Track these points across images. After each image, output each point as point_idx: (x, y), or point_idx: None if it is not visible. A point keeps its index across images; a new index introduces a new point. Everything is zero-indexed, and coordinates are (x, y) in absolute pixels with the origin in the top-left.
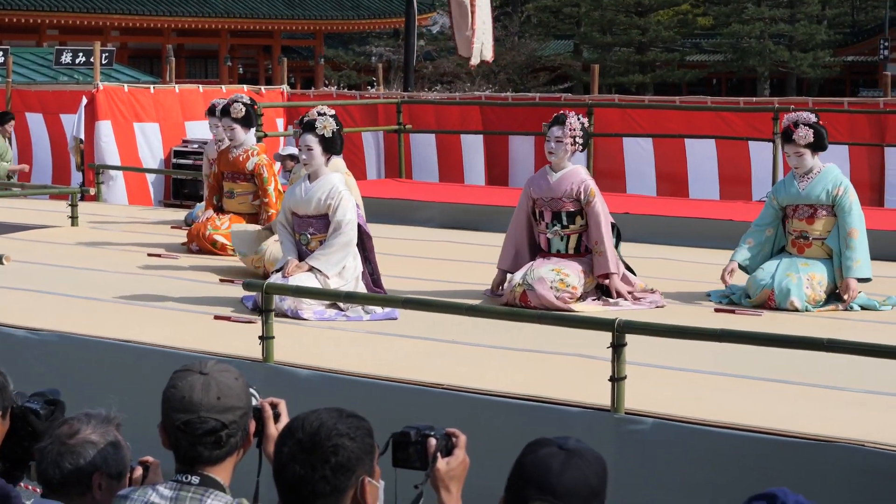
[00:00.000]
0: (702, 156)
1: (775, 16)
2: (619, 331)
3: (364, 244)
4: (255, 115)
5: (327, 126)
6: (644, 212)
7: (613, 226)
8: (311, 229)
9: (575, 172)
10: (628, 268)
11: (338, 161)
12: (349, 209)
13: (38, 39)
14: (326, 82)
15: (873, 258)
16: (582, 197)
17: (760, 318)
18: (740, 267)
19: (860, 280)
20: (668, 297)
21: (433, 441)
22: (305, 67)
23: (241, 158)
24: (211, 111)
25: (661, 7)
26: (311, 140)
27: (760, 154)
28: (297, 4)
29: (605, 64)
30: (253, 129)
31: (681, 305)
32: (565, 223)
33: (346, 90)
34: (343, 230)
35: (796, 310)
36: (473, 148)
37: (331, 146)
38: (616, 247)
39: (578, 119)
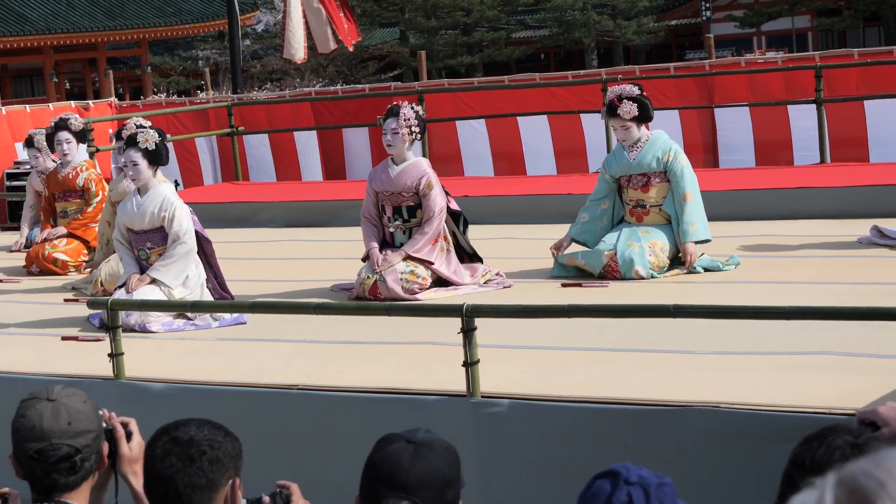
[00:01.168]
0: (535, 133)
1: None
2: (468, 315)
3: (204, 249)
4: (89, 130)
5: (149, 139)
6: (483, 193)
7: (459, 214)
8: (149, 243)
9: (416, 166)
10: (474, 255)
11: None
12: (184, 218)
13: None
14: (155, 90)
15: (711, 219)
16: (421, 189)
17: (607, 289)
18: (575, 241)
19: (699, 242)
20: (514, 276)
21: (266, 499)
22: (132, 77)
23: (70, 176)
24: (28, 142)
25: None
26: (136, 155)
27: (593, 126)
28: (119, 14)
29: (432, 48)
30: (83, 146)
31: (528, 284)
32: (406, 217)
33: (175, 97)
34: (181, 240)
35: (641, 278)
36: (308, 144)
37: (156, 158)
38: (464, 234)
39: (412, 108)
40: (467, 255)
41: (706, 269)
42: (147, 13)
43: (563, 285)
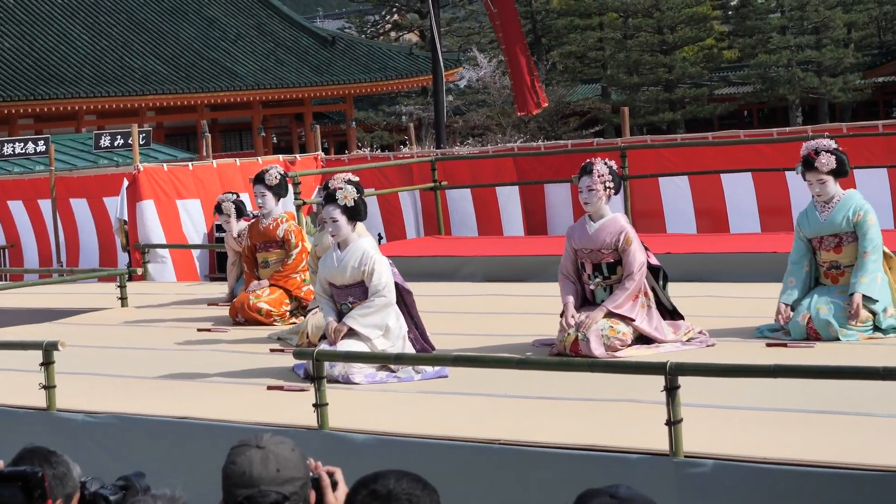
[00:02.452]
0: (739, 189)
1: (801, 43)
2: (672, 373)
3: (405, 301)
4: (286, 186)
5: (348, 196)
6: (685, 250)
7: (659, 269)
8: (351, 297)
9: (613, 222)
10: (675, 311)
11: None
12: (384, 272)
13: (77, 125)
14: (359, 145)
15: None
16: (619, 245)
17: (813, 349)
18: (791, 308)
19: (867, 298)
20: (717, 334)
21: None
22: (338, 132)
23: (271, 227)
24: (217, 208)
25: (686, 43)
26: (335, 212)
27: (798, 184)
28: (325, 70)
29: (633, 104)
30: (283, 200)
31: (731, 342)
32: (606, 274)
33: (379, 151)
34: (381, 293)
35: (838, 339)
36: (510, 199)
37: (355, 214)
38: (664, 289)
39: (605, 164)
40: (668, 312)
41: None
42: (353, 69)
43: (768, 345)
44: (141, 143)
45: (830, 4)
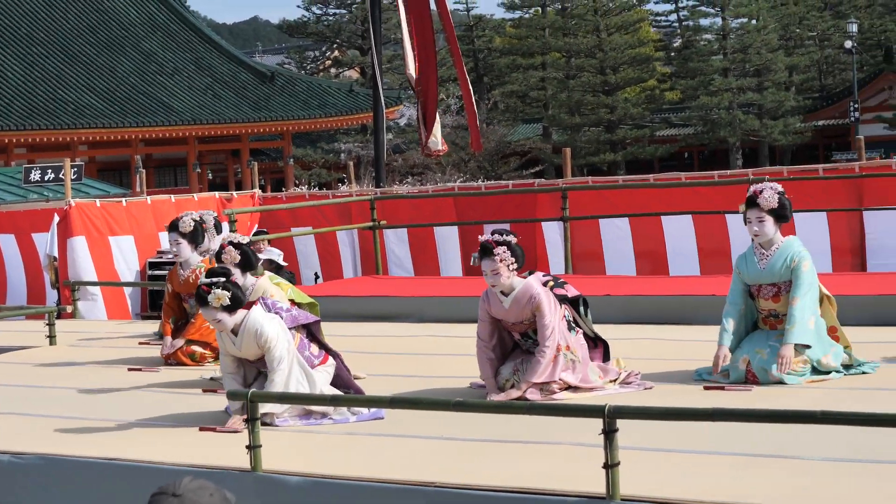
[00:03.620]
0: (679, 232)
1: (743, 85)
2: (610, 416)
3: (310, 329)
4: (202, 232)
5: (220, 298)
6: (625, 292)
7: (579, 297)
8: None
9: (524, 292)
10: (597, 338)
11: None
12: (275, 345)
13: (6, 159)
14: (297, 182)
15: (857, 324)
16: (535, 314)
17: (751, 393)
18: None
19: (799, 346)
20: (655, 377)
21: None
22: (275, 168)
23: (191, 280)
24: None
25: (628, 84)
26: (217, 313)
27: (738, 226)
28: (264, 106)
29: (575, 145)
30: (199, 248)
31: (669, 385)
32: (534, 338)
33: (317, 189)
34: (276, 368)
35: (780, 382)
36: (449, 240)
37: (236, 304)
38: (586, 315)
39: (504, 240)
40: (591, 340)
41: (846, 366)
42: (292, 105)
43: (706, 388)
44: (73, 177)
45: (772, 48)
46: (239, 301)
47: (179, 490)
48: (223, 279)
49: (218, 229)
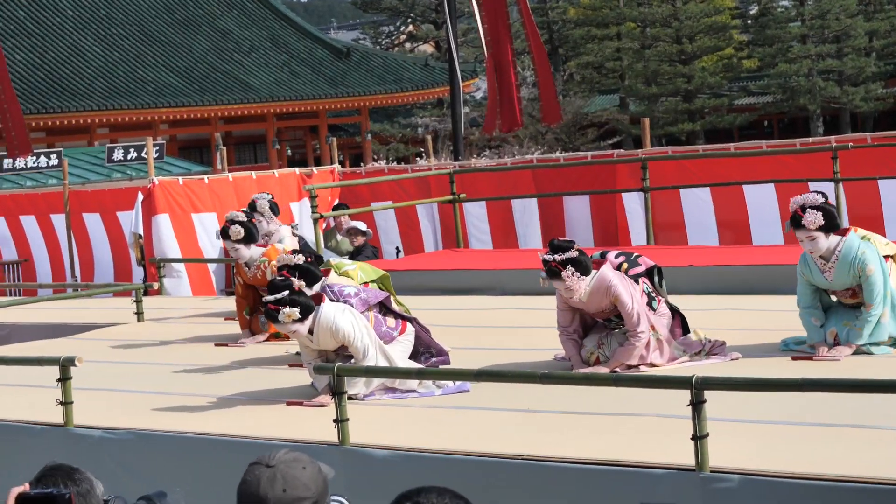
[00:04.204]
0: (762, 201)
1: (822, 52)
2: (698, 388)
3: (381, 303)
4: (253, 231)
5: (290, 316)
6: (707, 263)
7: (654, 268)
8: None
9: (599, 284)
10: (684, 324)
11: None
12: (357, 338)
13: (90, 139)
14: (375, 157)
15: None
16: (612, 301)
17: (839, 363)
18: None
19: (861, 345)
20: (741, 348)
21: None
22: (353, 144)
23: (258, 276)
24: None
25: (705, 53)
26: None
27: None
28: (341, 82)
29: (652, 115)
30: (257, 241)
31: (756, 356)
32: (617, 321)
33: (395, 164)
34: (365, 360)
35: (869, 353)
36: (527, 212)
37: (305, 311)
38: (661, 286)
39: (567, 259)
40: (671, 309)
41: None
42: (368, 81)
43: (794, 358)
44: (155, 156)
45: (851, 13)
46: (308, 308)
47: (273, 461)
48: (287, 293)
49: (274, 209)
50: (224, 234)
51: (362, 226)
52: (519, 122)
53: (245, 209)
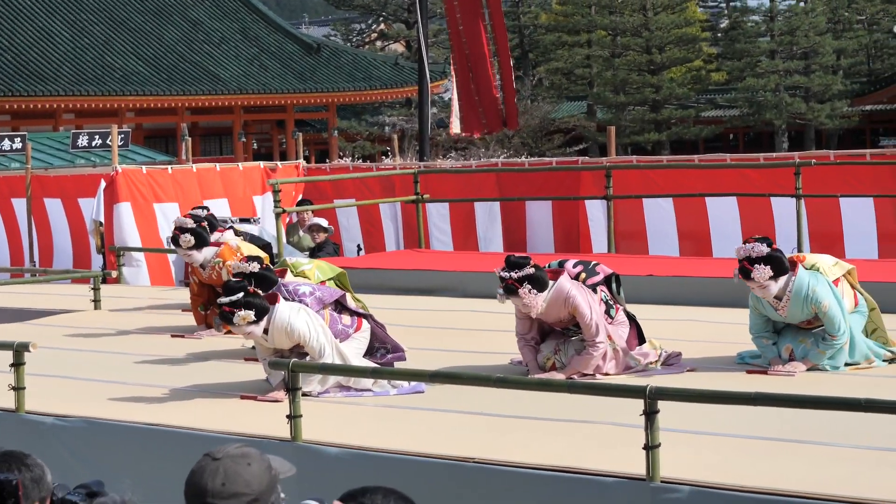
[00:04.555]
0: (724, 213)
1: (790, 68)
2: (652, 397)
3: (337, 301)
4: (203, 234)
5: (245, 318)
6: (667, 273)
7: (611, 276)
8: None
9: (557, 294)
10: (640, 332)
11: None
12: (312, 338)
13: (55, 124)
14: (341, 154)
15: None
16: (571, 312)
17: (793, 378)
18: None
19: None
20: (697, 359)
21: None
22: (319, 140)
23: (213, 276)
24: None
25: (674, 64)
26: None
27: (783, 209)
28: (310, 77)
29: (619, 123)
30: (208, 246)
31: (711, 368)
32: (575, 330)
33: (360, 161)
34: (316, 358)
35: (822, 369)
36: (490, 215)
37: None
38: (618, 293)
39: (524, 276)
40: (628, 317)
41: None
42: (337, 77)
43: (749, 372)
44: (120, 143)
45: (821, 30)
46: (263, 310)
47: (220, 455)
48: (241, 295)
49: (211, 224)
50: (175, 242)
51: (324, 222)
52: (500, 124)
53: (196, 208)
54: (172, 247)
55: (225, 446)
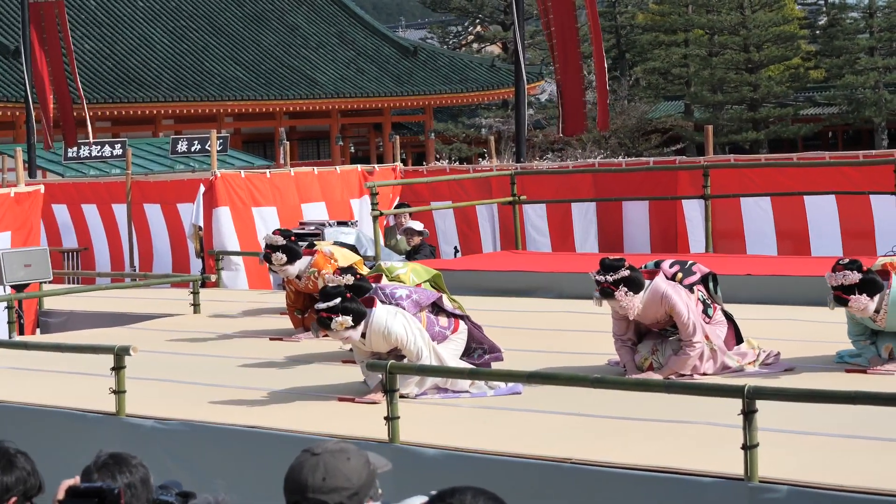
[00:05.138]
0: (822, 212)
1: (889, 64)
2: (750, 397)
3: (434, 303)
4: (294, 249)
5: (343, 324)
6: (766, 272)
7: (708, 275)
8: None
9: (653, 295)
10: (738, 332)
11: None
12: (410, 341)
13: (154, 129)
14: (437, 156)
15: None
16: (668, 311)
17: (893, 377)
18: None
19: None
20: (795, 359)
21: None
22: (416, 143)
23: (310, 286)
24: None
25: (772, 62)
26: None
27: (883, 207)
28: (406, 80)
29: (716, 123)
30: (303, 258)
31: (810, 367)
32: (673, 330)
33: (457, 164)
34: (416, 362)
35: None
36: (586, 216)
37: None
38: (716, 292)
39: (620, 278)
40: (726, 317)
41: None
42: (433, 80)
43: (848, 371)
44: (218, 148)
45: None
46: (360, 315)
47: (319, 450)
48: (339, 300)
49: (285, 234)
50: (267, 260)
51: (418, 226)
52: (584, 126)
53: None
54: (265, 263)
55: (323, 442)
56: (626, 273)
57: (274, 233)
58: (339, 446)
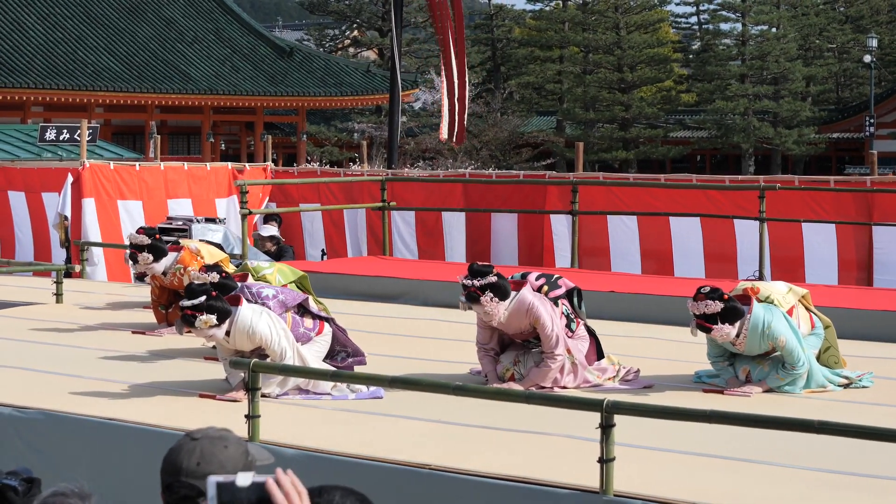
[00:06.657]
0: (687, 233)
1: (759, 92)
2: (608, 411)
3: (300, 304)
4: (160, 248)
5: (207, 322)
6: (629, 290)
7: (573, 290)
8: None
9: (519, 305)
10: (599, 348)
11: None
12: (274, 341)
13: (23, 116)
14: (308, 158)
15: (861, 338)
16: (532, 324)
17: (749, 398)
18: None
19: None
20: (654, 377)
21: None
22: (287, 143)
23: (175, 282)
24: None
25: (645, 83)
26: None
27: (746, 232)
28: (281, 81)
29: (587, 140)
30: (169, 254)
31: (668, 385)
32: (536, 342)
33: (328, 167)
34: (281, 360)
35: (774, 390)
36: (455, 226)
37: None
38: (580, 307)
39: (486, 284)
40: (589, 332)
41: (845, 386)
42: (308, 82)
43: (705, 391)
44: (88, 139)
45: (791, 57)
46: (225, 313)
47: (198, 435)
48: (204, 298)
49: (149, 232)
50: (133, 260)
51: (265, 231)
52: (464, 136)
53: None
54: (130, 263)
55: (205, 428)
56: (493, 279)
57: (138, 231)
58: (220, 434)
